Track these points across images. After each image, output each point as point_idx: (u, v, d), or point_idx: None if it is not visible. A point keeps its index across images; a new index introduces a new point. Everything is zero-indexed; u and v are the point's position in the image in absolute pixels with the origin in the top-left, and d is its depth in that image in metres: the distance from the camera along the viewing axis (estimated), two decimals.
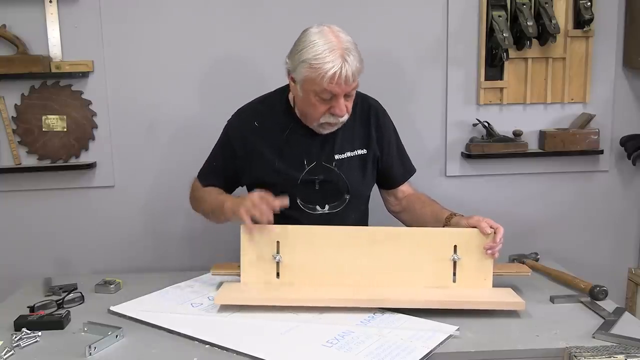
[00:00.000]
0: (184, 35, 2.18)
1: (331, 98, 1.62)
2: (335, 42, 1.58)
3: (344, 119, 1.68)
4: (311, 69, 1.58)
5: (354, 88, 1.64)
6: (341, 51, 1.57)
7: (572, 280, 1.73)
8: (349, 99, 1.67)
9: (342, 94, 1.61)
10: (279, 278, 1.63)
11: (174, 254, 2.30)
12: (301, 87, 1.65)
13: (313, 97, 1.63)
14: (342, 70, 1.56)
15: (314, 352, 1.32)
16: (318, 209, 1.78)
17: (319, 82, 1.58)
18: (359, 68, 1.60)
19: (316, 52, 1.57)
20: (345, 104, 1.65)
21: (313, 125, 1.72)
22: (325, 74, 1.56)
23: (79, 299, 1.68)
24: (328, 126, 1.70)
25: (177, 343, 1.40)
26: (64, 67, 2.12)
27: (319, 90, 1.61)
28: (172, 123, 2.23)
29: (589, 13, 2.20)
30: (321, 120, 1.68)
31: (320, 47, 1.57)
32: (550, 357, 1.35)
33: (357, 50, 1.62)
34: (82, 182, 2.23)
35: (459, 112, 2.29)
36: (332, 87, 1.58)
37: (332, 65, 1.55)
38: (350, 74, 1.57)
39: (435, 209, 1.80)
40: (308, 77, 1.60)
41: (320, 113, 1.66)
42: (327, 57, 1.56)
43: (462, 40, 2.25)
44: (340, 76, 1.56)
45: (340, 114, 1.65)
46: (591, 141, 2.29)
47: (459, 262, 1.61)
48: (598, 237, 2.42)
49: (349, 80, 1.58)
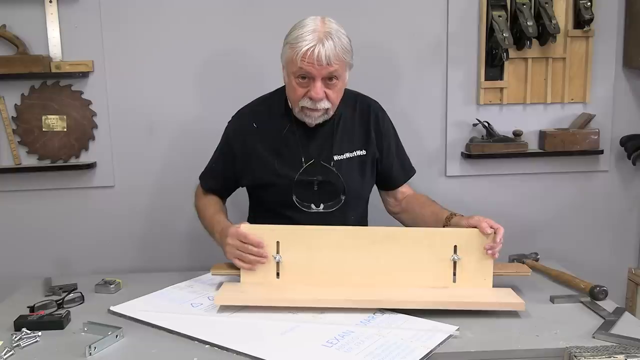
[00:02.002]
0: (184, 35, 2.18)
1: (308, 80, 1.63)
2: (319, 26, 1.61)
3: (325, 105, 1.67)
4: (290, 49, 1.61)
5: (334, 73, 1.63)
6: (321, 34, 1.59)
7: (572, 280, 1.73)
8: (331, 87, 1.65)
9: (317, 75, 1.61)
10: (279, 278, 1.63)
11: (174, 254, 2.30)
12: (285, 71, 1.68)
13: (293, 79, 1.65)
14: (315, 49, 1.57)
15: (314, 352, 1.32)
16: (313, 207, 1.78)
17: (294, 60, 1.60)
18: (336, 53, 1.60)
19: (298, 34, 1.61)
20: (326, 92, 1.65)
21: (296, 113, 1.72)
22: (300, 50, 1.58)
23: (79, 299, 1.68)
24: (309, 111, 1.69)
25: (177, 343, 1.39)
26: (64, 67, 2.12)
27: (295, 70, 1.62)
28: (172, 123, 2.23)
29: (589, 13, 2.20)
30: (300, 104, 1.68)
31: (304, 30, 1.61)
32: (550, 357, 1.35)
33: (346, 41, 1.63)
34: (82, 182, 2.23)
35: (459, 112, 2.29)
36: (304, 64, 1.59)
37: (307, 43, 1.58)
38: (324, 54, 1.58)
39: (435, 209, 1.80)
40: (288, 57, 1.63)
41: (299, 96, 1.66)
42: (306, 36, 1.59)
43: (462, 40, 2.25)
44: (312, 54, 1.57)
45: (315, 97, 1.64)
46: (591, 141, 2.29)
47: (459, 262, 1.61)
48: (598, 237, 2.42)
49: (321, 61, 1.58)
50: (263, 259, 1.61)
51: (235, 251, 1.62)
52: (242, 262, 1.62)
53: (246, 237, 1.60)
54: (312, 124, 1.72)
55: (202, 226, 1.85)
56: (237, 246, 1.61)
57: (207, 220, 1.81)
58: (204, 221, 1.84)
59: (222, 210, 1.84)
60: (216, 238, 1.73)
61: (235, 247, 1.62)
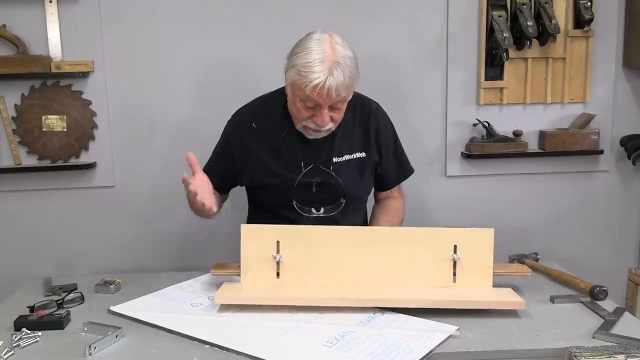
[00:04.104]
0: (184, 36, 2.18)
1: (315, 107, 1.63)
2: (328, 53, 1.58)
3: (329, 127, 1.69)
4: (299, 75, 1.59)
5: (341, 101, 1.64)
6: (330, 64, 1.57)
7: (572, 280, 1.73)
8: (337, 111, 1.67)
9: (325, 105, 1.62)
10: (279, 278, 1.63)
11: (174, 254, 2.30)
12: (290, 90, 1.67)
13: (298, 102, 1.64)
14: (326, 82, 1.56)
15: (314, 352, 1.32)
16: (314, 212, 1.78)
17: (303, 88, 1.59)
18: (345, 83, 1.59)
19: (307, 60, 1.58)
20: (331, 115, 1.66)
21: (298, 127, 1.72)
22: (310, 82, 1.57)
23: (79, 299, 1.68)
24: (311, 131, 1.70)
25: (177, 343, 1.40)
26: (64, 67, 2.12)
27: (303, 97, 1.62)
28: (172, 123, 2.23)
29: (589, 13, 2.20)
30: (303, 123, 1.69)
31: (313, 56, 1.58)
32: (550, 357, 1.35)
33: (353, 65, 1.61)
34: (82, 182, 2.23)
35: (459, 112, 2.29)
36: (314, 95, 1.59)
37: (317, 75, 1.56)
38: (334, 87, 1.57)
39: (382, 223, 1.83)
40: (295, 82, 1.61)
41: (303, 118, 1.67)
42: (315, 67, 1.56)
43: (462, 40, 2.25)
44: (323, 87, 1.56)
45: (320, 125, 1.66)
46: (591, 141, 2.29)
47: (458, 262, 1.61)
48: (598, 237, 2.42)
49: (331, 93, 1.58)
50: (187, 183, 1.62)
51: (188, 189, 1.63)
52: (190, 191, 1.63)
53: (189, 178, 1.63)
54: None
55: (196, 213, 1.82)
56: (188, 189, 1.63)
57: None
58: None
59: None
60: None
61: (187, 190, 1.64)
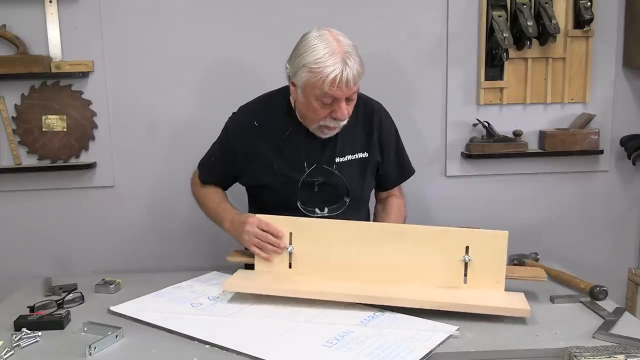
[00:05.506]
0: (184, 35, 2.18)
1: (332, 102, 1.62)
2: (335, 46, 1.57)
3: (344, 122, 1.68)
4: (312, 73, 1.57)
5: (355, 91, 1.64)
6: (342, 55, 1.56)
7: (572, 280, 1.73)
8: (351, 102, 1.66)
9: (343, 97, 1.61)
10: (291, 269, 1.65)
11: (174, 254, 2.30)
12: (302, 92, 1.64)
13: (314, 101, 1.62)
14: (343, 74, 1.55)
15: (314, 352, 1.32)
16: (317, 212, 1.77)
17: (319, 86, 1.57)
18: (359, 71, 1.59)
19: (316, 56, 1.57)
20: (347, 108, 1.65)
21: (312, 128, 1.71)
22: (327, 77, 1.55)
23: (79, 299, 1.68)
24: (327, 130, 1.70)
25: (177, 343, 1.40)
26: (64, 67, 2.12)
27: (320, 95, 1.60)
28: (172, 123, 2.23)
29: (589, 13, 2.20)
30: (321, 122, 1.67)
31: (321, 51, 1.57)
32: (550, 357, 1.35)
33: (358, 53, 1.61)
34: (82, 182, 2.23)
35: (459, 112, 2.29)
36: (333, 90, 1.58)
37: (332, 69, 1.55)
38: (352, 77, 1.57)
39: (387, 221, 1.83)
40: (309, 81, 1.59)
41: (321, 117, 1.66)
42: (327, 60, 1.55)
43: (462, 40, 2.25)
44: (341, 80, 1.56)
45: (341, 118, 1.65)
46: (591, 141, 2.29)
47: (470, 264, 1.58)
48: (598, 237, 2.42)
49: (350, 84, 1.58)
50: (280, 250, 1.65)
51: (254, 239, 1.65)
52: (259, 250, 1.65)
53: (268, 225, 1.65)
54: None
55: (205, 214, 1.88)
56: (257, 234, 1.65)
57: (212, 209, 1.83)
58: (208, 210, 1.86)
59: (226, 199, 1.86)
60: (225, 227, 1.76)
61: (254, 234, 1.65)
